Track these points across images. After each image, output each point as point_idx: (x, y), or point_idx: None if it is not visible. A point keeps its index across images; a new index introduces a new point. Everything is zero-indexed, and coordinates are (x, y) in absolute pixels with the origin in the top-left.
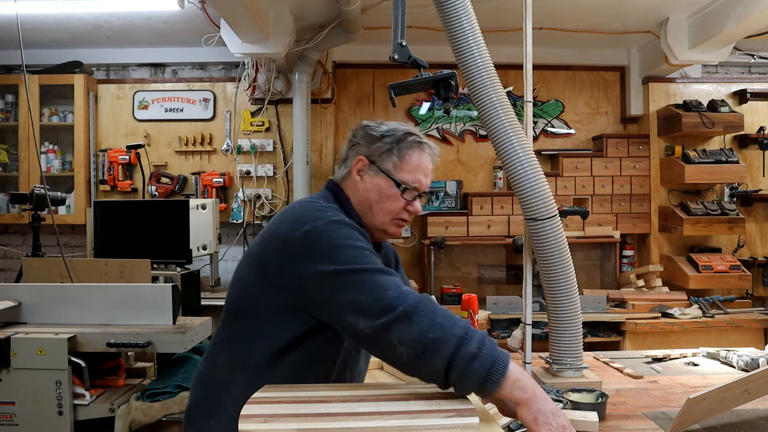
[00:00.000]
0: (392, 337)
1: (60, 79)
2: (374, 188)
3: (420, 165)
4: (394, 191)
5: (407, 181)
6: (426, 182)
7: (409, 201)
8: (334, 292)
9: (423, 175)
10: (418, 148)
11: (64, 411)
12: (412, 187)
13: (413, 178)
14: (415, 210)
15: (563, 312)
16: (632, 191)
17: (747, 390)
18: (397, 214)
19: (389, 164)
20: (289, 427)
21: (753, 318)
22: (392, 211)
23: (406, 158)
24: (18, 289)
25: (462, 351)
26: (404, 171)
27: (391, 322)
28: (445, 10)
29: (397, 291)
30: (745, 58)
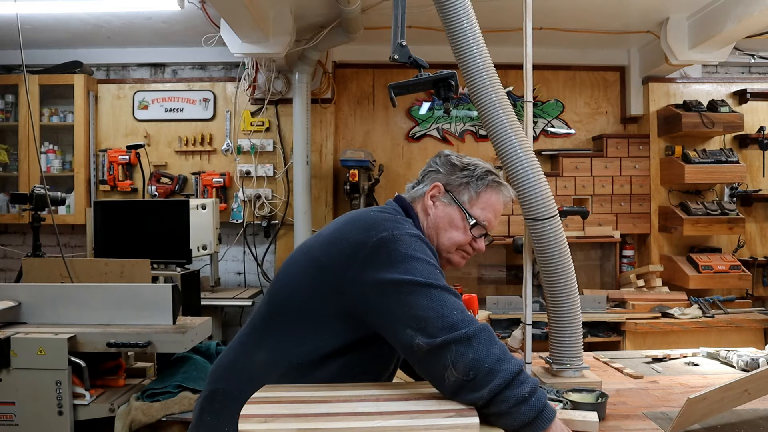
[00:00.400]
0: (447, 358)
1: (60, 79)
2: (446, 216)
3: (494, 205)
4: (464, 224)
5: (479, 217)
6: (495, 223)
7: (476, 237)
8: (399, 301)
9: (494, 216)
10: (496, 189)
11: (64, 411)
12: (482, 224)
13: (485, 216)
14: (479, 248)
15: (563, 312)
16: (632, 191)
17: (747, 390)
18: (461, 246)
19: (465, 197)
20: (289, 427)
21: (753, 318)
22: (458, 242)
23: (483, 195)
24: (18, 289)
25: (512, 390)
26: (478, 207)
27: (450, 342)
28: (445, 10)
29: (462, 314)
30: (745, 58)
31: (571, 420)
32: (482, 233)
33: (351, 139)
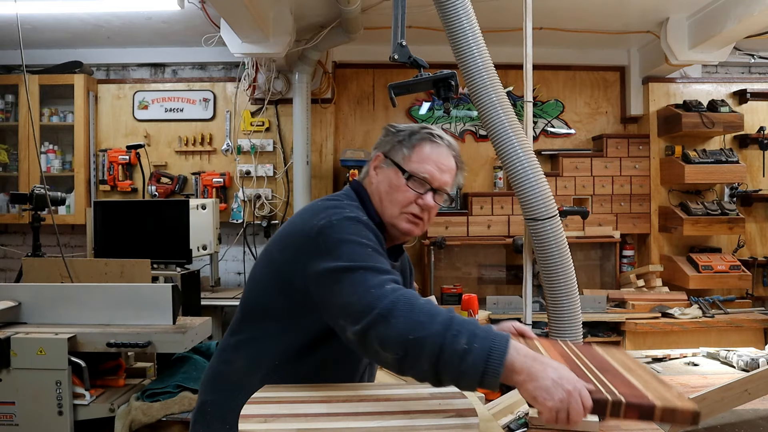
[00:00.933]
0: (374, 342)
1: (60, 79)
2: (385, 179)
3: (431, 156)
4: (402, 181)
5: (415, 170)
6: (440, 176)
7: (420, 194)
8: (330, 291)
9: (436, 169)
10: (429, 140)
11: (64, 411)
12: (420, 177)
13: (422, 169)
14: (425, 204)
15: (563, 312)
16: (632, 191)
17: (747, 390)
18: (406, 206)
19: (400, 156)
20: (289, 427)
21: (753, 318)
22: (401, 202)
23: (416, 149)
24: (18, 289)
25: (449, 350)
26: (413, 162)
27: (369, 327)
28: (445, 10)
29: (378, 290)
30: (745, 58)
31: None
32: (426, 188)
33: (351, 139)
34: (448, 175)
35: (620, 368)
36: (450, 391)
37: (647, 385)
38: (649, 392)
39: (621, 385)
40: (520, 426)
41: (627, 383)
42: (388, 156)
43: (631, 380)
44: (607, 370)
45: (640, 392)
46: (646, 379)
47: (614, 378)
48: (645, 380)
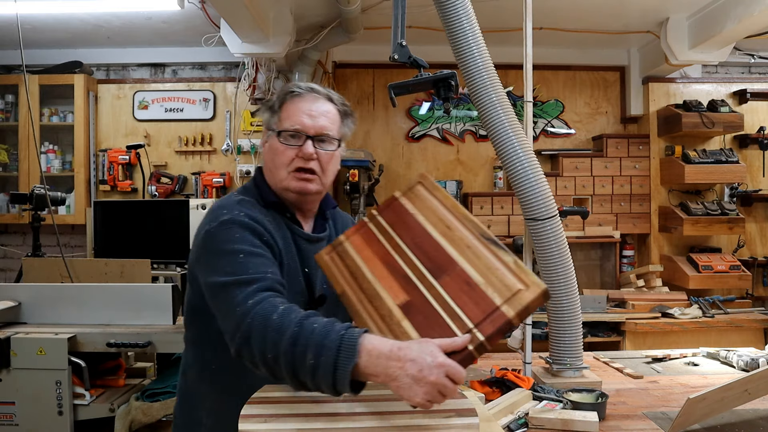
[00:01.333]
0: (248, 360)
1: (60, 79)
2: (268, 150)
3: (298, 108)
4: (279, 143)
5: (286, 126)
6: (313, 123)
7: (299, 146)
8: (212, 305)
9: (306, 117)
10: (293, 95)
11: (64, 411)
12: (292, 130)
13: (291, 122)
14: (305, 153)
15: (563, 312)
16: (632, 191)
17: (747, 390)
18: (289, 165)
19: (273, 122)
20: (289, 427)
21: (753, 318)
22: (284, 163)
23: (284, 108)
24: (18, 289)
25: (300, 366)
26: (283, 120)
27: (238, 348)
28: (445, 10)
29: (242, 308)
30: (745, 58)
31: (571, 420)
32: (302, 138)
33: (351, 139)
34: (324, 119)
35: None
36: None
37: (487, 272)
38: (491, 289)
39: (463, 296)
40: (520, 426)
41: (467, 285)
42: (266, 128)
43: (469, 274)
44: (440, 267)
45: (486, 302)
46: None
47: (453, 282)
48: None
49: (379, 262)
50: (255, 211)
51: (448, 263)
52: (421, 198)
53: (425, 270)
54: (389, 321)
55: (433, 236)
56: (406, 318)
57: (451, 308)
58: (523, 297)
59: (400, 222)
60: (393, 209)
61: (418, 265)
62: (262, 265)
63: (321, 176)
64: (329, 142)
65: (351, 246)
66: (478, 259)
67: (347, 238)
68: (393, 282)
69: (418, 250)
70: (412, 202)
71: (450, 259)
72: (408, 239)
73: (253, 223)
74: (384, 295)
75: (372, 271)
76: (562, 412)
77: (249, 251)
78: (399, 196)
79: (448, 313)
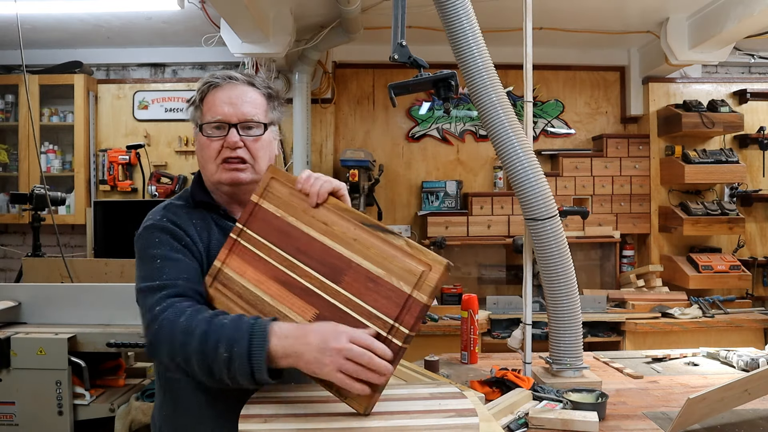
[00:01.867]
0: (165, 363)
1: (60, 79)
2: (197, 146)
3: (216, 98)
4: (204, 137)
5: (208, 119)
6: (234, 111)
7: (223, 137)
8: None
9: (226, 105)
10: (211, 86)
11: (64, 411)
12: (215, 122)
13: (213, 113)
14: (230, 142)
15: (563, 312)
16: (632, 191)
17: (747, 390)
18: (217, 156)
19: (197, 117)
20: (289, 427)
21: (753, 318)
22: (212, 156)
23: (205, 101)
24: (18, 289)
25: (213, 362)
26: (205, 113)
27: (150, 354)
28: (445, 10)
29: (150, 314)
30: (745, 58)
31: (571, 420)
32: (225, 128)
33: (351, 139)
34: (246, 105)
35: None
36: (450, 390)
37: (385, 262)
38: (396, 279)
39: (371, 294)
40: (520, 426)
41: (371, 282)
42: (193, 124)
43: (368, 269)
44: (336, 269)
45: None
46: (372, 248)
47: (354, 281)
48: (376, 254)
49: (272, 282)
50: (180, 213)
51: (342, 263)
52: (280, 196)
53: (322, 277)
54: None
55: (314, 237)
56: None
57: (365, 309)
58: (430, 278)
59: (272, 229)
60: (258, 217)
61: (312, 274)
62: (176, 270)
63: (252, 164)
64: (255, 128)
65: (231, 271)
66: (370, 251)
67: (223, 263)
68: (294, 299)
69: (306, 257)
70: (273, 203)
71: (342, 258)
72: (289, 247)
73: (172, 226)
74: (291, 315)
75: (268, 293)
76: (562, 412)
77: (166, 256)
78: (258, 200)
79: (363, 316)
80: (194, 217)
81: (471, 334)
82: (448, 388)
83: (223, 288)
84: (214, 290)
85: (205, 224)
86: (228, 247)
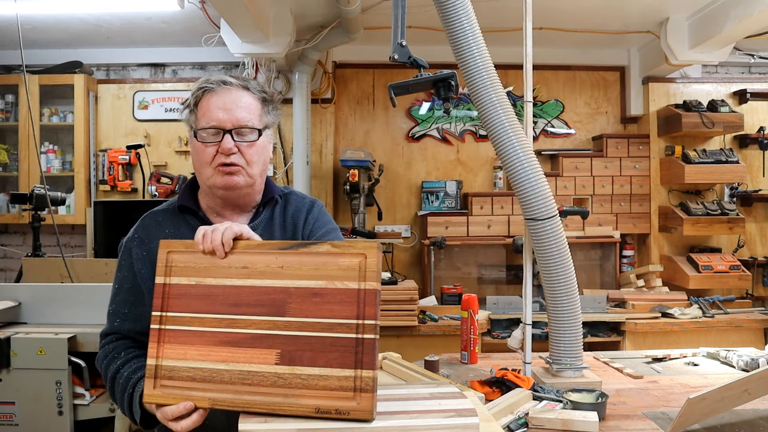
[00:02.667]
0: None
1: (60, 79)
2: (192, 151)
3: (210, 104)
4: (199, 141)
5: (203, 125)
6: (229, 116)
7: (218, 143)
8: None
9: (220, 111)
10: (205, 91)
11: (64, 411)
12: (209, 127)
13: (207, 119)
14: (225, 148)
15: (563, 312)
16: (632, 191)
17: (747, 390)
18: (212, 161)
19: (192, 121)
20: (289, 427)
21: (753, 318)
22: (207, 161)
23: (198, 107)
24: (18, 289)
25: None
26: (199, 119)
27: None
28: (445, 10)
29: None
30: (745, 58)
31: (571, 420)
32: (220, 134)
33: (351, 139)
34: (241, 110)
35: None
36: (450, 390)
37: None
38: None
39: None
40: (520, 426)
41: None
42: (188, 128)
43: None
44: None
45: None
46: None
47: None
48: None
49: (218, 348)
50: (153, 224)
51: (280, 294)
52: (186, 264)
53: (266, 317)
54: (283, 384)
55: (240, 286)
56: (294, 366)
57: (324, 324)
58: (369, 265)
59: (194, 300)
60: (173, 295)
61: (256, 319)
62: (122, 302)
63: (246, 168)
64: (250, 133)
65: (170, 361)
66: (301, 270)
67: (157, 359)
68: (249, 352)
69: (241, 308)
70: (182, 274)
71: (277, 290)
72: (220, 307)
73: (136, 247)
74: (254, 369)
75: (219, 361)
76: (562, 412)
77: (120, 286)
78: (164, 280)
79: (326, 330)
80: (168, 226)
81: (471, 334)
82: (448, 388)
83: (171, 382)
84: (160, 392)
85: (189, 229)
86: (155, 339)
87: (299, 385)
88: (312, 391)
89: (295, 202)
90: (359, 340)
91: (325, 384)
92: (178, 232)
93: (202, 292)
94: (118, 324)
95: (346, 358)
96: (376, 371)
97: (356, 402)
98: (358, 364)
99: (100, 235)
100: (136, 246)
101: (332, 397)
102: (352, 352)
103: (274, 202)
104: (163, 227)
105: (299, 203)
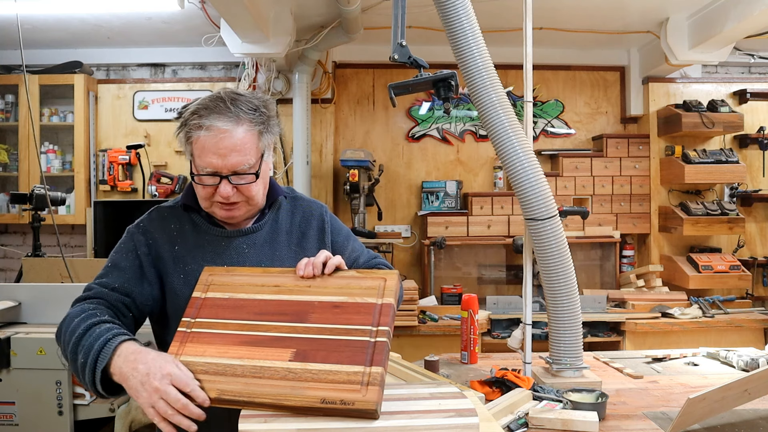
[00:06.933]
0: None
1: (60, 79)
2: (192, 180)
3: (206, 147)
4: (197, 182)
5: (198, 166)
6: (224, 162)
7: (216, 185)
8: None
9: (216, 157)
10: (197, 130)
11: (64, 411)
12: (204, 173)
13: (202, 163)
14: (222, 195)
15: (563, 312)
16: (632, 191)
17: (747, 390)
18: (209, 198)
19: (187, 152)
20: (289, 427)
21: (753, 318)
22: (204, 197)
23: (193, 144)
24: (18, 289)
25: (75, 366)
26: (196, 157)
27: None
28: (445, 10)
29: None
30: (745, 58)
31: (571, 420)
32: (216, 180)
33: (351, 139)
34: (235, 154)
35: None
36: (450, 390)
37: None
38: (360, 298)
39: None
40: (520, 426)
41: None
42: (184, 149)
43: (330, 301)
44: (300, 312)
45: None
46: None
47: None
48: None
49: (237, 347)
50: (158, 220)
51: (304, 307)
52: (223, 283)
53: (289, 323)
54: (293, 377)
55: (269, 299)
56: (307, 362)
57: (341, 329)
58: (389, 285)
59: (224, 309)
60: (206, 306)
61: (278, 324)
62: (114, 278)
63: (247, 201)
64: (247, 173)
65: (188, 356)
66: (327, 288)
67: (176, 355)
68: (266, 350)
69: (266, 316)
70: (218, 290)
71: (302, 303)
72: (247, 315)
73: (141, 235)
74: (267, 364)
75: (236, 357)
76: (562, 412)
77: (115, 264)
78: (201, 296)
79: (343, 334)
80: (173, 222)
81: (471, 334)
82: (448, 388)
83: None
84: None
85: (194, 227)
86: (179, 340)
87: (308, 379)
88: (320, 384)
89: (302, 210)
90: (372, 342)
91: (334, 378)
92: (182, 229)
93: (232, 304)
94: (107, 292)
95: (358, 356)
96: (384, 370)
97: (362, 394)
98: (368, 362)
99: (100, 235)
100: (141, 233)
101: (339, 389)
102: (365, 352)
103: (279, 204)
104: (169, 222)
105: (306, 211)
